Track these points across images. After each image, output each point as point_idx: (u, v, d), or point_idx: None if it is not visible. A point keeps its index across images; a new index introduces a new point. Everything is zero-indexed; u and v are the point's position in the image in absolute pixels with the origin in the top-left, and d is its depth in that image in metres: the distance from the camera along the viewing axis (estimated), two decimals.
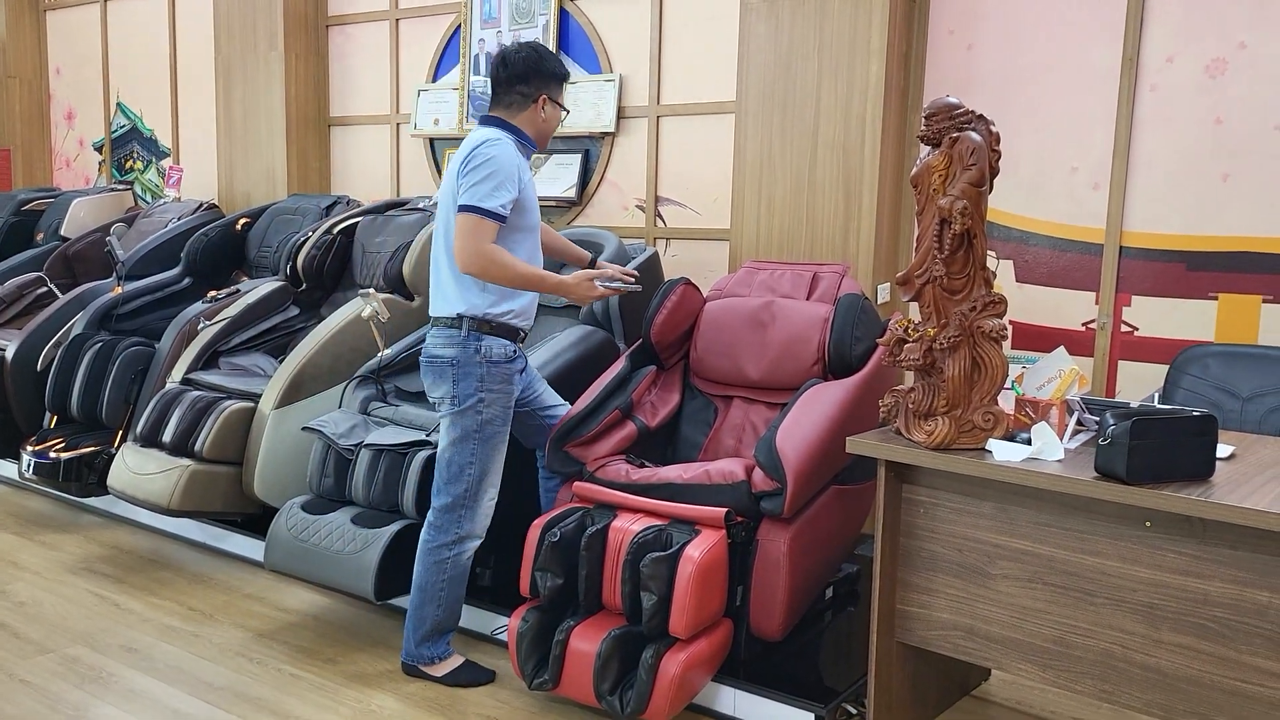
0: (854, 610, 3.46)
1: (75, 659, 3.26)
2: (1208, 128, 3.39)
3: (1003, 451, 2.46)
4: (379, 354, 3.75)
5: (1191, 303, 3.45)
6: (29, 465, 4.35)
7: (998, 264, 3.76)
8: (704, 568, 2.73)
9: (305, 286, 4.54)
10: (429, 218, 4.36)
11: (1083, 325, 3.65)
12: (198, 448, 3.86)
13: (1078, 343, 3.61)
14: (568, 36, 4.73)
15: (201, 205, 5.45)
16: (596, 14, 4.66)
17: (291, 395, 3.89)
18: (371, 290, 3.88)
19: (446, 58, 5.18)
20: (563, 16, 4.73)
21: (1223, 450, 2.44)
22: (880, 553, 2.65)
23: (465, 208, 2.89)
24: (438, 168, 5.24)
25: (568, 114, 3.24)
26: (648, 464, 3.15)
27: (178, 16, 6.28)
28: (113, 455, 4.18)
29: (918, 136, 2.61)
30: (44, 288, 5.25)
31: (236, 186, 5.81)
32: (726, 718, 2.93)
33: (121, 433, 4.36)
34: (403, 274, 4.18)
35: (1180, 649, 2.28)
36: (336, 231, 4.56)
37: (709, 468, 2.98)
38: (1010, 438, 2.53)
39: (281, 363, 4.06)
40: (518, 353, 3.09)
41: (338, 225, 4.58)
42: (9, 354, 4.70)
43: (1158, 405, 2.53)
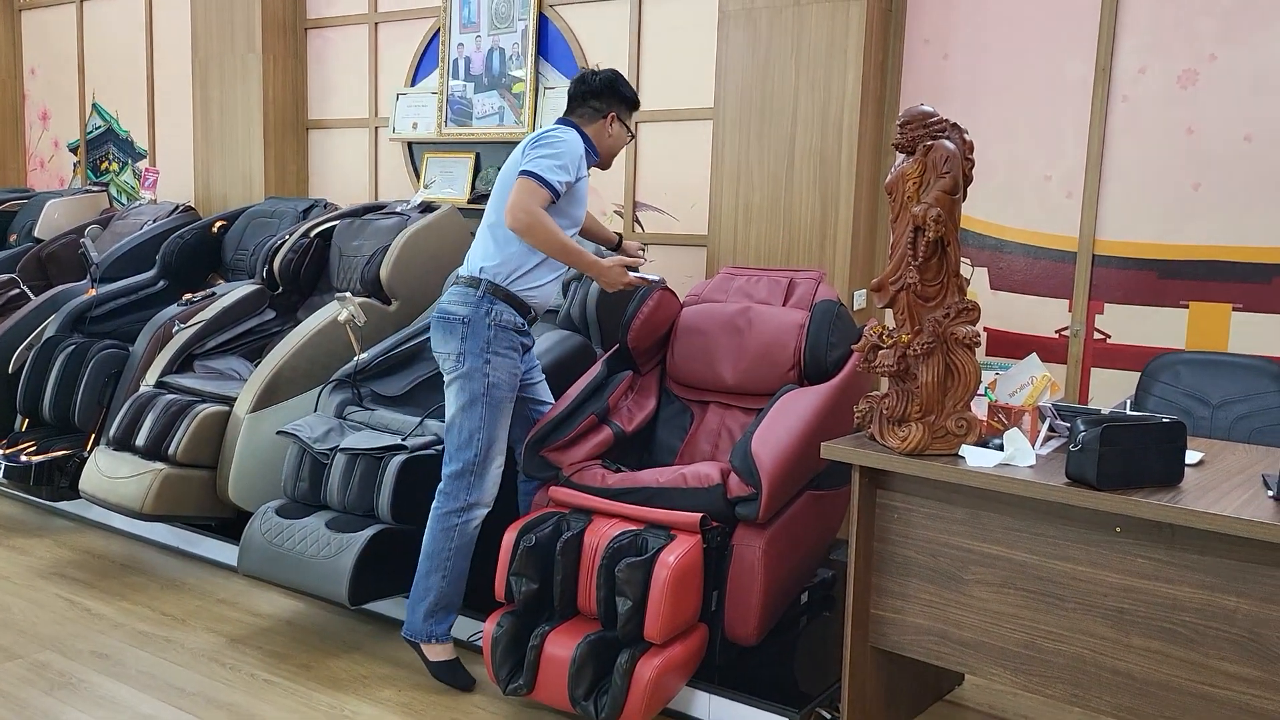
0: (829, 615, 3.47)
1: (44, 665, 3.23)
2: (1179, 138, 3.43)
3: (975, 457, 2.48)
4: (355, 358, 3.74)
5: (1163, 311, 3.49)
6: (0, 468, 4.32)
7: (973, 271, 3.79)
8: (679, 572, 2.73)
9: (281, 290, 4.52)
10: (406, 221, 4.35)
11: (1056, 332, 3.69)
12: (171, 451, 3.84)
13: (1051, 350, 3.64)
14: (546, 42, 4.74)
15: (178, 208, 5.41)
16: (575, 20, 4.67)
17: (267, 399, 3.87)
18: (348, 294, 3.87)
19: (425, 62, 5.17)
20: (542, 22, 4.73)
21: (1192, 456, 2.47)
22: (854, 558, 2.66)
23: (527, 172, 3.01)
24: (416, 171, 5.22)
25: (633, 138, 3.42)
26: (624, 469, 3.15)
27: (155, 18, 6.24)
28: (85, 459, 4.15)
29: (892, 144, 2.62)
30: (17, 289, 5.19)
31: (213, 189, 5.77)
32: None
33: (94, 436, 4.33)
34: (380, 278, 4.17)
35: (1150, 653, 2.30)
36: (314, 235, 4.54)
37: (685, 471, 2.99)
38: (983, 444, 2.55)
39: (257, 366, 4.04)
40: (526, 328, 3.15)
41: (315, 229, 4.56)
42: None
43: (1129, 412, 2.55)
